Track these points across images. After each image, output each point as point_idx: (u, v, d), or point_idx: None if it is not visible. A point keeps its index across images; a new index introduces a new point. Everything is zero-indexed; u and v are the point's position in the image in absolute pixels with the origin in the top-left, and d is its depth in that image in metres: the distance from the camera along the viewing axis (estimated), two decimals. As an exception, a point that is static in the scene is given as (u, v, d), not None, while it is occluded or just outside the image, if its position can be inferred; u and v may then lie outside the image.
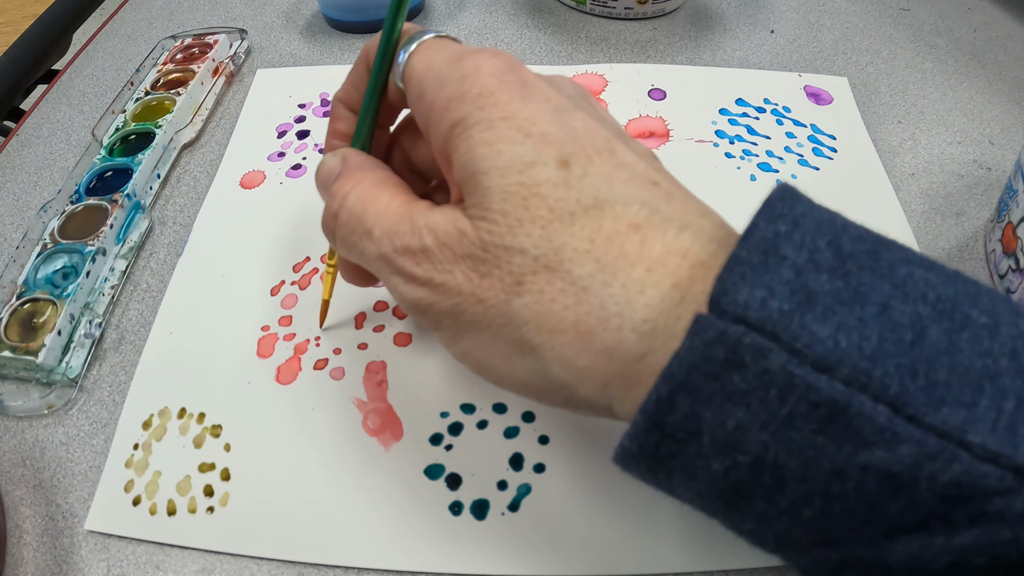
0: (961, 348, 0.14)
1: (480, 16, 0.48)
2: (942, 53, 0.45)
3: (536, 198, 0.18)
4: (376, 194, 0.21)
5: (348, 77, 0.25)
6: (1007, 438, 0.13)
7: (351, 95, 0.25)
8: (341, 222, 0.22)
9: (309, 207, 0.35)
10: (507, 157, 0.18)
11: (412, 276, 0.20)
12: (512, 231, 0.18)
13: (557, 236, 0.17)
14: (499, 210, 0.18)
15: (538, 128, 0.18)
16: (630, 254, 0.17)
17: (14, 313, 0.30)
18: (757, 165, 0.37)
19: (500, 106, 0.19)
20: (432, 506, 0.25)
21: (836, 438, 0.14)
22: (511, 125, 0.18)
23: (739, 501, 0.16)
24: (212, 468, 0.26)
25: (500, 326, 0.18)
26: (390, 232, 0.20)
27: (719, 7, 0.49)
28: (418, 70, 0.21)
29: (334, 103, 0.26)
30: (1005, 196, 0.32)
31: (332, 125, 0.26)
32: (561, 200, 0.18)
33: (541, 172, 0.18)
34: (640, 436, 0.16)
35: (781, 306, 0.14)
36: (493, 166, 0.18)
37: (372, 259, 0.21)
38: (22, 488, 0.27)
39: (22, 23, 0.70)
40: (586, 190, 0.18)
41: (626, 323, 0.17)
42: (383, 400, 0.28)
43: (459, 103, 0.19)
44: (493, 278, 0.18)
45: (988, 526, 0.13)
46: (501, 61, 0.20)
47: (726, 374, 0.14)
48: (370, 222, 0.21)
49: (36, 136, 0.41)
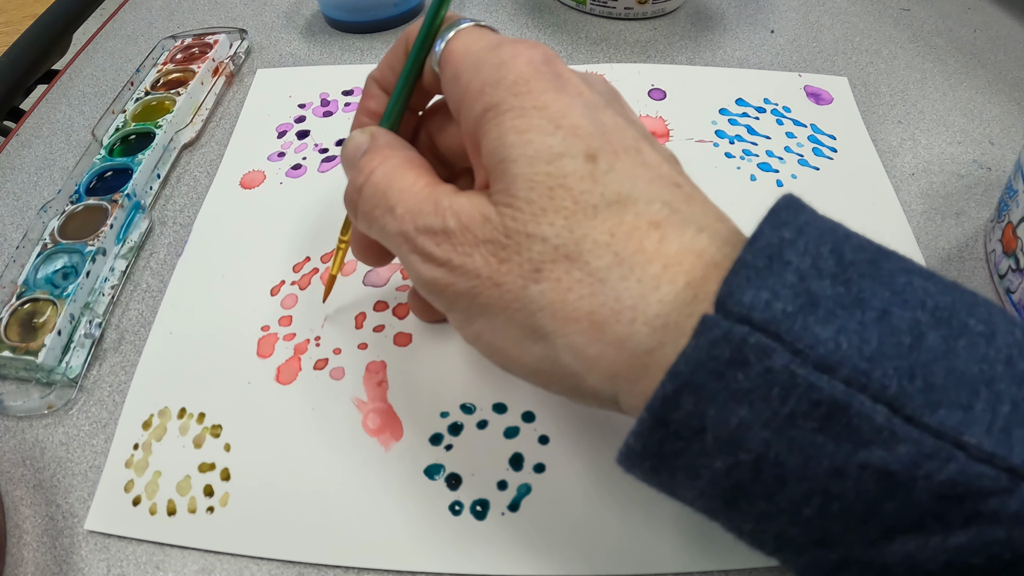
0: (958, 353, 0.14)
1: (480, 16, 0.48)
2: (942, 53, 0.45)
3: (562, 189, 0.18)
4: (403, 172, 0.21)
5: (385, 58, 0.25)
6: (1002, 439, 0.13)
7: (387, 75, 0.25)
8: (365, 196, 0.22)
9: (309, 207, 0.35)
10: (536, 146, 0.18)
11: (431, 256, 0.20)
12: (536, 219, 0.18)
13: (579, 227, 0.18)
14: (525, 198, 0.18)
15: (569, 121, 0.19)
16: (648, 250, 0.18)
17: (14, 313, 0.30)
18: (757, 165, 0.37)
19: (534, 95, 0.19)
20: (432, 506, 0.25)
21: (836, 437, 0.14)
22: (543, 115, 0.19)
23: (740, 500, 0.16)
24: (212, 468, 0.26)
25: (515, 311, 0.19)
26: (413, 210, 0.20)
27: (719, 7, 0.49)
28: (456, 53, 0.22)
29: (368, 81, 0.26)
30: (1005, 196, 0.32)
31: (363, 103, 0.26)
32: (586, 193, 0.18)
33: (568, 164, 0.18)
34: (645, 434, 0.16)
35: (785, 308, 0.15)
36: (522, 154, 0.19)
37: (392, 235, 0.21)
38: (22, 488, 0.27)
39: (22, 23, 0.70)
40: (611, 185, 0.18)
41: (639, 316, 0.17)
42: (383, 400, 0.28)
43: (493, 88, 0.20)
44: (512, 263, 0.18)
45: (983, 526, 0.13)
46: (539, 52, 0.20)
47: (730, 373, 0.15)
48: (394, 199, 0.21)
49: (36, 136, 0.41)
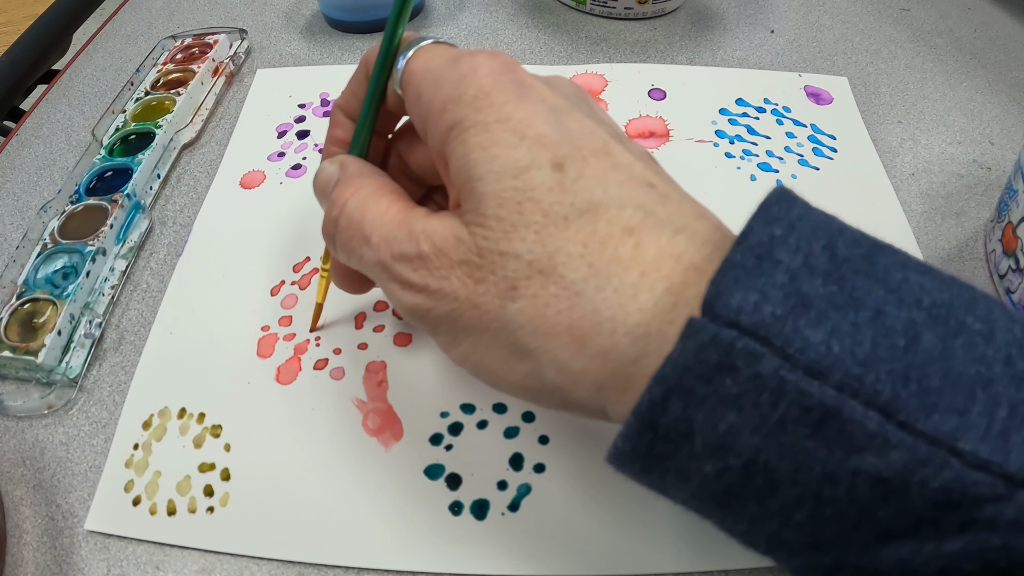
0: (955, 354, 0.14)
1: (480, 16, 0.48)
2: (942, 53, 0.45)
3: (531, 203, 0.18)
4: (375, 201, 0.21)
5: (348, 84, 0.25)
6: (999, 445, 0.13)
7: (350, 102, 0.25)
8: (341, 228, 0.22)
9: (309, 207, 0.35)
10: (502, 161, 0.18)
11: (409, 282, 0.20)
12: (507, 236, 0.18)
13: (551, 240, 0.18)
14: (494, 216, 0.18)
15: (533, 130, 0.18)
16: (623, 258, 0.17)
17: (14, 313, 0.30)
18: (757, 165, 0.37)
19: (496, 108, 0.19)
20: (432, 506, 0.25)
21: (828, 443, 0.14)
22: (506, 127, 0.18)
23: (731, 503, 0.16)
24: (212, 468, 0.26)
25: (496, 331, 0.19)
26: (388, 239, 0.20)
27: (719, 7, 0.49)
28: (416, 73, 0.21)
29: (333, 110, 0.26)
30: (1005, 196, 0.32)
31: (330, 132, 0.26)
32: (555, 204, 0.18)
33: (536, 176, 0.18)
34: (633, 437, 0.16)
35: (774, 311, 0.14)
36: (488, 171, 0.18)
37: (370, 265, 0.21)
38: (22, 488, 0.27)
39: (22, 23, 0.70)
40: (580, 193, 0.18)
41: (619, 327, 0.17)
42: (383, 400, 0.28)
43: (455, 105, 0.19)
44: (488, 283, 0.18)
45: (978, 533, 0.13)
46: (497, 62, 0.20)
47: (718, 378, 0.14)
48: (368, 228, 0.21)
49: (36, 136, 0.41)
